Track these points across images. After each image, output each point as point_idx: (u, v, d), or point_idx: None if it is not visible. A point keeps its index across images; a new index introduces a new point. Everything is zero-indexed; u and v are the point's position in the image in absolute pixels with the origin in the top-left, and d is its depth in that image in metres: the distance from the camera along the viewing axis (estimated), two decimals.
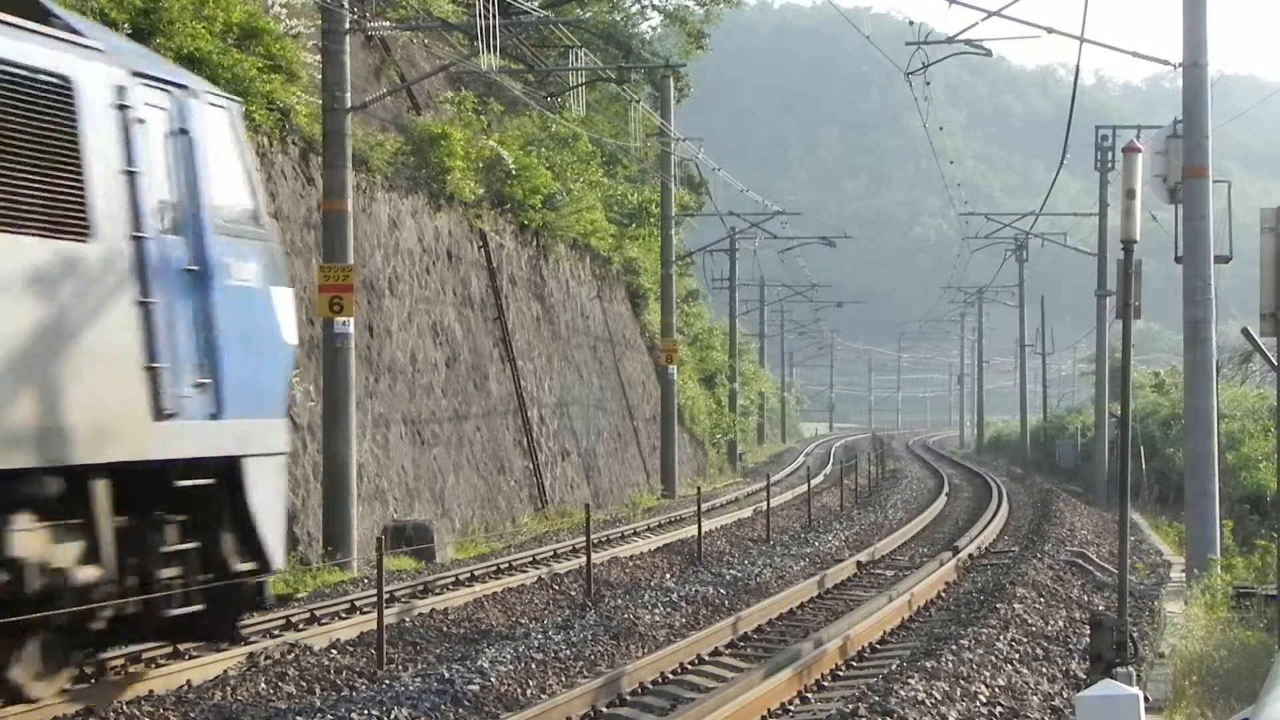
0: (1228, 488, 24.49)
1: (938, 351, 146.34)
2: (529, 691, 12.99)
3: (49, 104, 10.76)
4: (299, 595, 17.10)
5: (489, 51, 24.93)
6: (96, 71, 11.32)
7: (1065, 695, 12.60)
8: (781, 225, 60.70)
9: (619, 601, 18.20)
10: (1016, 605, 17.35)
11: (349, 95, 22.46)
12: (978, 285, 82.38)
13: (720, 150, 58.04)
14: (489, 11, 24.67)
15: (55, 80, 10.86)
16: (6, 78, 10.38)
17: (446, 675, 12.95)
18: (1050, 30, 22.84)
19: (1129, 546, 14.28)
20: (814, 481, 40.21)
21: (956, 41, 26.39)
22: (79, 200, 10.89)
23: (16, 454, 10.30)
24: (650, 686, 13.51)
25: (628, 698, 12.94)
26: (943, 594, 20.43)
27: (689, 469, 48.67)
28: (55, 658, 11.56)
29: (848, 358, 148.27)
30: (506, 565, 21.67)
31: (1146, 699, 9.38)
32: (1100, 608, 17.14)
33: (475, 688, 12.64)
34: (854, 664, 14.99)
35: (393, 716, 11.54)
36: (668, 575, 21.70)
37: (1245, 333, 14.74)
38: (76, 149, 10.96)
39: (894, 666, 13.96)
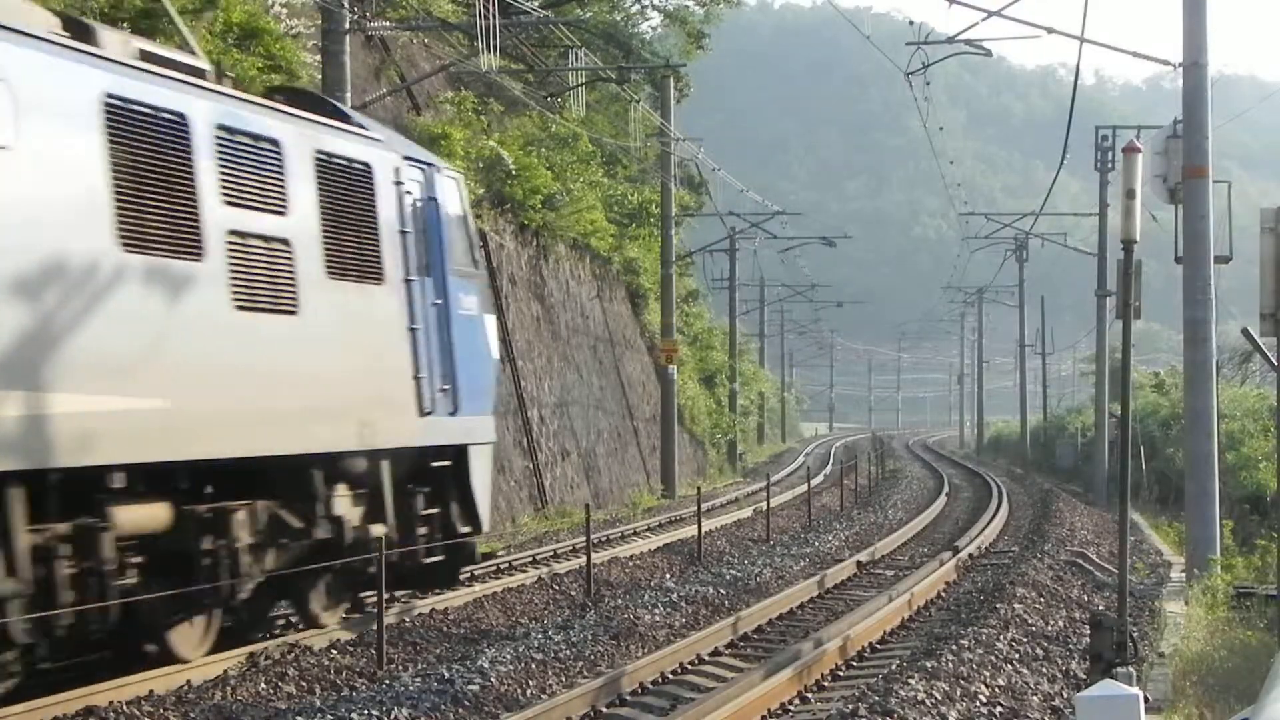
0: (1228, 488, 24.49)
1: (938, 351, 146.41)
2: (529, 691, 12.99)
3: (360, 185, 14.86)
4: (500, 553, 21.85)
5: (489, 51, 24.95)
6: (383, 158, 15.41)
7: (1065, 695, 12.60)
8: (781, 225, 60.74)
9: (619, 601, 18.21)
10: (1016, 605, 17.35)
11: (349, 95, 22.48)
12: (978, 285, 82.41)
13: (720, 150, 58.05)
14: (489, 11, 24.69)
15: (362, 166, 14.95)
16: (340, 166, 14.51)
17: (446, 675, 12.96)
18: (1050, 30, 22.85)
19: (1129, 546, 14.29)
20: (814, 481, 40.21)
21: (956, 41, 26.40)
22: (376, 254, 14.99)
23: (341, 441, 14.41)
24: (650, 686, 13.51)
25: (628, 698, 12.95)
26: (943, 594, 20.44)
27: (689, 469, 48.68)
28: (337, 594, 15.64)
29: (848, 358, 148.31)
30: (506, 565, 21.68)
31: (1146, 699, 9.38)
32: (1100, 608, 17.14)
33: (475, 688, 12.65)
34: (854, 664, 14.99)
35: (393, 716, 11.55)
36: (668, 575, 21.70)
37: (1245, 333, 14.75)
38: (374, 217, 15.03)
39: (894, 666, 13.97)
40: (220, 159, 12.91)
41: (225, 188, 12.91)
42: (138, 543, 12.35)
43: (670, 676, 13.99)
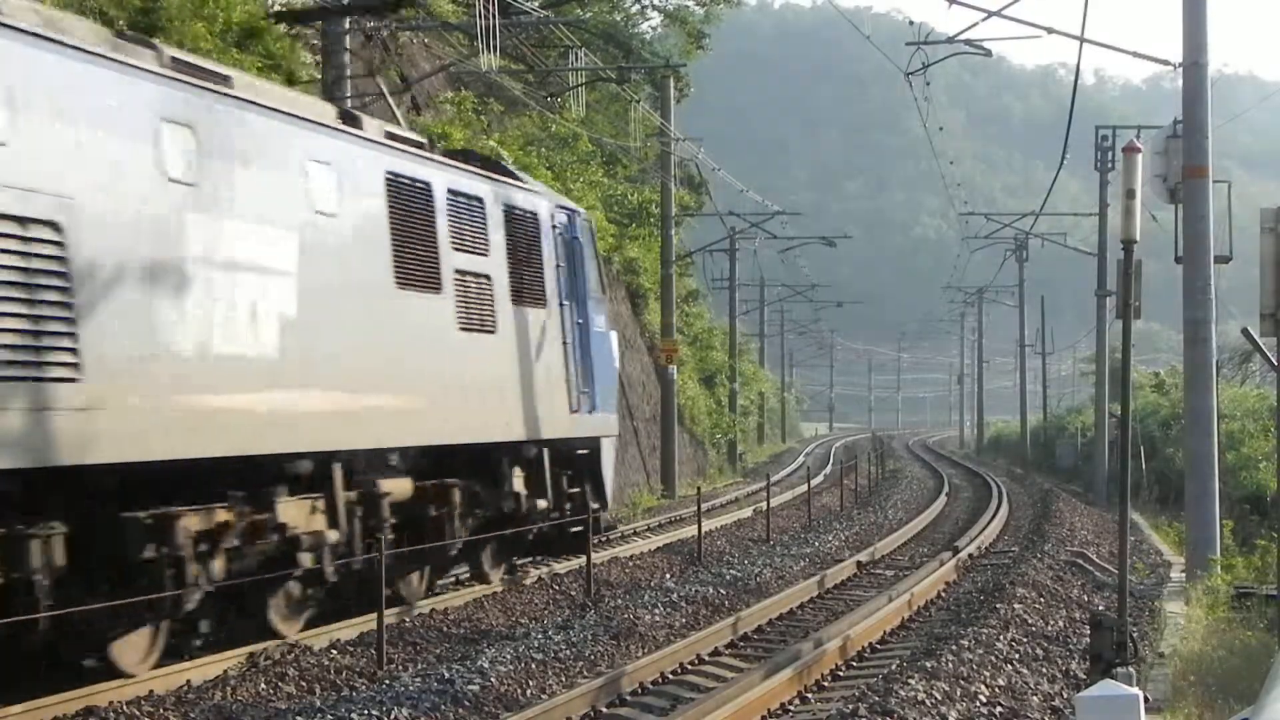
0: (1228, 488, 24.49)
1: (938, 351, 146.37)
2: (529, 691, 12.99)
3: (530, 229, 18.92)
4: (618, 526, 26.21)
5: (489, 51, 24.95)
6: (543, 206, 19.52)
7: (1065, 695, 12.60)
8: (781, 225, 60.69)
9: (619, 601, 18.21)
10: (1016, 605, 17.35)
11: (349, 95, 22.46)
12: (978, 285, 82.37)
13: (720, 150, 58.00)
14: (489, 11, 24.68)
15: (531, 214, 19.02)
16: (519, 215, 18.63)
17: (446, 675, 12.96)
18: (1050, 30, 22.86)
19: (1129, 546, 14.29)
20: (814, 482, 40.20)
21: (956, 41, 26.40)
22: (541, 284, 19.05)
23: (521, 433, 18.35)
24: (650, 686, 13.51)
25: (628, 698, 12.95)
26: (943, 594, 20.44)
27: (689, 469, 48.66)
28: (501, 557, 19.54)
29: (848, 358, 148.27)
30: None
31: (1146, 699, 9.38)
32: (1100, 608, 17.14)
33: (475, 688, 12.65)
34: (854, 664, 15.00)
35: (393, 716, 11.55)
36: (668, 575, 21.70)
37: (1245, 333, 14.74)
38: (540, 254, 19.11)
39: (894, 666, 13.97)
40: (450, 215, 16.80)
41: (453, 237, 16.82)
42: (393, 508, 16.01)
43: (670, 676, 13.99)
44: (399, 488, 16.10)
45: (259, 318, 13.54)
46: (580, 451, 20.38)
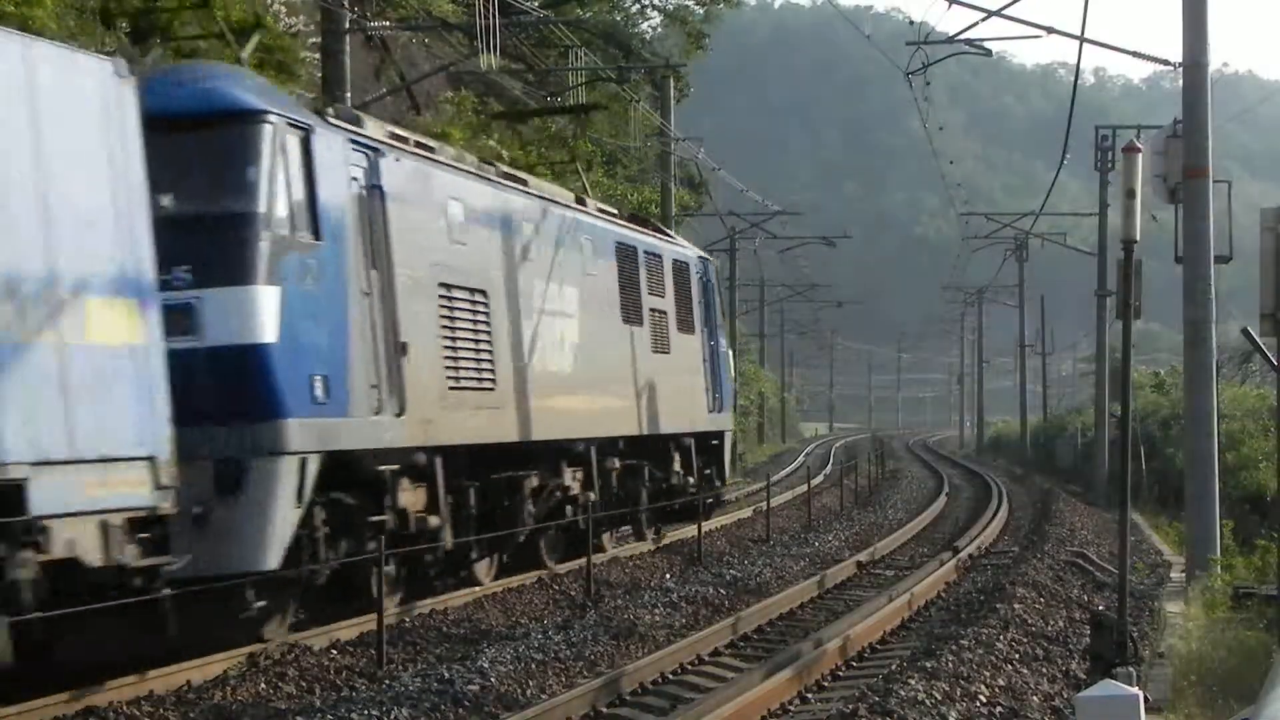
0: (1228, 488, 24.44)
1: (938, 351, 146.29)
2: (529, 691, 12.99)
3: (684, 275, 25.67)
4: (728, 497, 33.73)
5: (489, 51, 24.94)
6: (692, 257, 26.75)
7: (1065, 695, 12.59)
8: (781, 225, 60.68)
9: (619, 602, 18.21)
10: (1016, 605, 17.35)
11: (349, 95, 22.47)
12: (978, 285, 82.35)
13: (720, 150, 57.94)
14: (489, 11, 24.68)
15: (685, 264, 25.95)
16: (679, 265, 25.42)
17: (446, 675, 12.95)
18: (1050, 30, 22.85)
19: (1129, 546, 14.28)
20: (814, 481, 40.21)
21: (957, 41, 26.39)
22: (691, 316, 25.77)
23: (682, 427, 24.99)
24: (650, 687, 13.51)
25: (627, 698, 12.95)
26: (943, 594, 20.44)
27: None
28: (654, 523, 25.41)
29: (848, 358, 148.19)
30: (507, 565, 21.65)
31: (1146, 699, 9.37)
32: (1100, 608, 17.13)
33: (475, 688, 12.64)
34: (854, 664, 15.00)
35: (393, 716, 11.54)
36: (668, 575, 21.71)
37: (1245, 333, 14.74)
38: (690, 294, 25.90)
39: (894, 667, 13.96)
40: (646, 268, 23.72)
41: (648, 284, 23.80)
42: (600, 482, 21.80)
43: (670, 677, 13.99)
44: (617, 465, 22.63)
45: (563, 346, 20.38)
46: (712, 441, 27.28)
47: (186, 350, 12.99)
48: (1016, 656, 14.22)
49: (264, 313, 13.91)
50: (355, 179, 15.49)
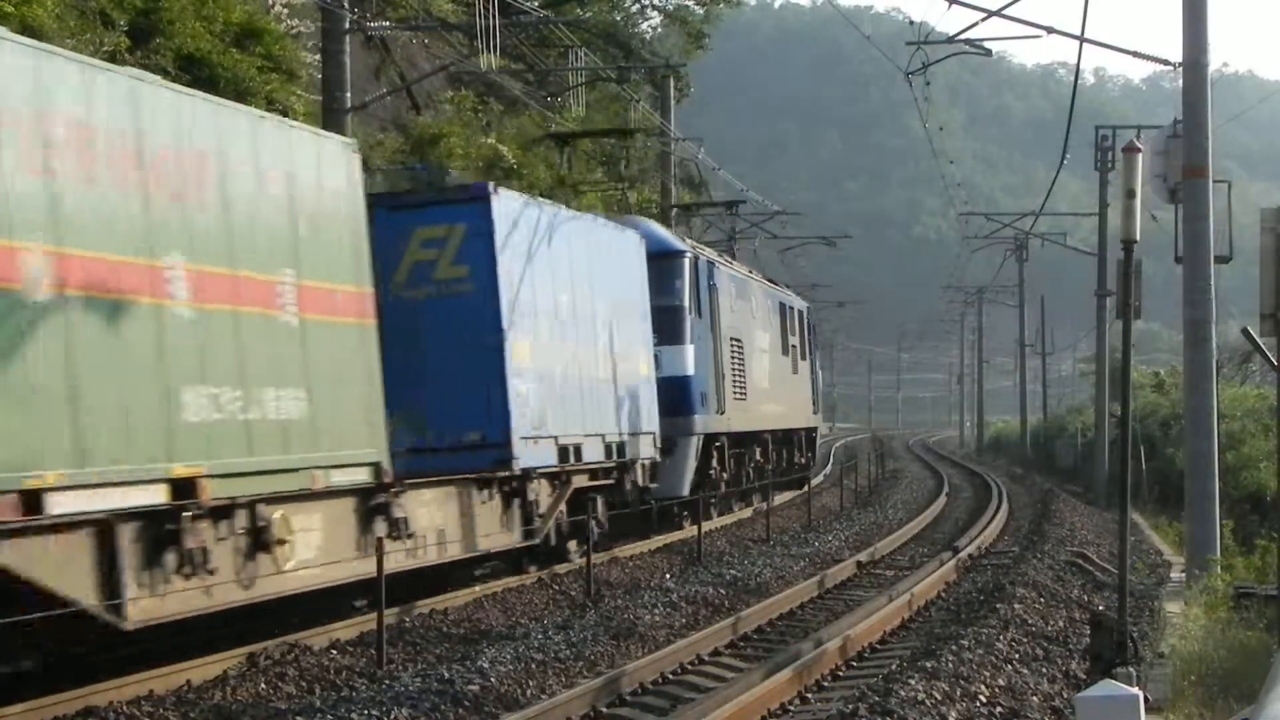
0: (1228, 488, 24.43)
1: (938, 351, 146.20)
2: (529, 691, 12.99)
3: (801, 319, 39.79)
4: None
5: (489, 51, 24.93)
6: (802, 305, 41.10)
7: (1065, 695, 12.59)
8: (781, 225, 60.60)
9: (619, 601, 18.21)
10: (1016, 605, 17.35)
11: (349, 95, 22.46)
12: (978, 285, 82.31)
13: (720, 150, 57.90)
14: (489, 11, 24.67)
15: (802, 311, 40.63)
16: (799, 311, 39.76)
17: (446, 675, 12.95)
18: (1050, 30, 22.84)
19: (1129, 546, 14.28)
20: (814, 481, 40.24)
21: (956, 41, 26.37)
22: (807, 346, 40.26)
23: (800, 423, 38.42)
24: (650, 687, 13.51)
25: (627, 698, 12.95)
26: (943, 594, 20.43)
27: None
28: (764, 494, 32.61)
29: (848, 358, 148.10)
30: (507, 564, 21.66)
31: (1146, 699, 9.37)
32: (1100, 608, 17.13)
33: (475, 688, 12.64)
34: (854, 664, 14.99)
35: (393, 716, 11.54)
36: (668, 575, 21.70)
37: (1245, 333, 14.73)
38: (803, 332, 39.70)
39: (894, 666, 13.96)
40: (786, 317, 36.82)
41: (787, 328, 36.75)
42: (773, 457, 34.65)
43: (670, 676, 13.99)
44: (773, 446, 34.63)
45: (765, 372, 33.30)
46: (811, 434, 40.49)
47: (660, 379, 25.03)
48: (1016, 656, 14.22)
49: (688, 359, 27.05)
50: (709, 282, 28.78)
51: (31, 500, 11.30)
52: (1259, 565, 18.83)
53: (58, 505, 11.49)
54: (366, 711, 11.54)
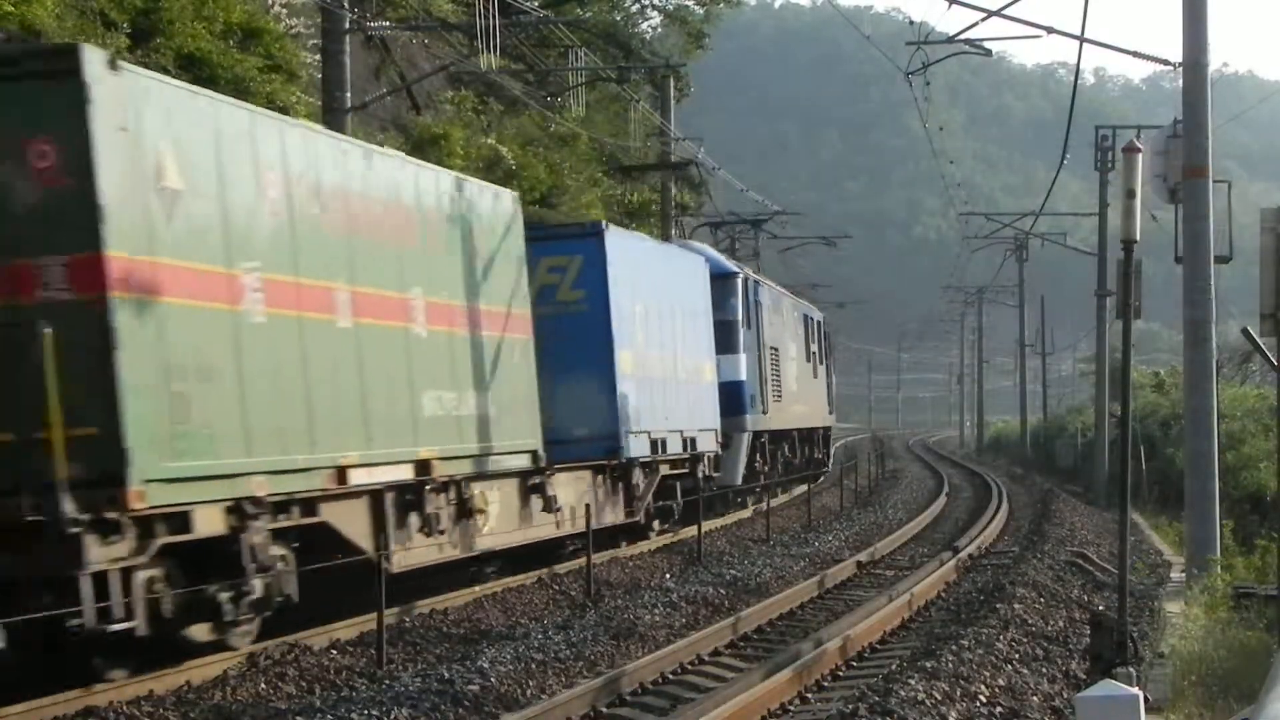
0: (1228, 488, 24.43)
1: (938, 351, 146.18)
2: (529, 691, 12.99)
3: (819, 328, 45.37)
4: None
5: (489, 51, 24.94)
6: (814, 313, 45.24)
7: (1065, 695, 12.59)
8: (781, 225, 60.60)
9: (619, 601, 18.21)
10: (1016, 605, 17.34)
11: (349, 95, 22.46)
12: (978, 285, 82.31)
13: (720, 150, 57.90)
14: (489, 11, 24.67)
15: (820, 321, 46.15)
16: (817, 321, 45.32)
17: (446, 675, 12.95)
18: (1050, 30, 22.85)
19: (1129, 546, 14.28)
20: (814, 481, 40.26)
21: (956, 41, 26.38)
22: (824, 352, 45.99)
23: (819, 422, 43.82)
24: (650, 686, 13.51)
25: (628, 698, 12.95)
26: (943, 594, 20.43)
27: None
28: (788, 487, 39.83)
29: (848, 358, 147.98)
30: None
31: (1146, 699, 9.37)
32: (1100, 608, 17.13)
33: (475, 688, 12.64)
34: (854, 664, 14.99)
35: (393, 716, 11.54)
36: (668, 575, 21.70)
37: (1245, 333, 14.73)
38: (820, 339, 45.09)
39: (894, 666, 13.96)
40: (808, 326, 42.45)
41: (808, 336, 42.01)
42: (797, 452, 40.10)
43: (670, 676, 13.99)
44: (799, 443, 39.40)
45: (793, 376, 38.40)
46: (827, 433, 45.92)
47: (719, 383, 29.19)
48: (1016, 656, 14.22)
49: (742, 366, 31.68)
50: (755, 299, 33.75)
51: (340, 474, 15.17)
52: (1259, 565, 18.83)
53: (355, 478, 15.48)
54: (366, 711, 11.54)
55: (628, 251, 23.91)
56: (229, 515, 13.60)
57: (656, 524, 26.17)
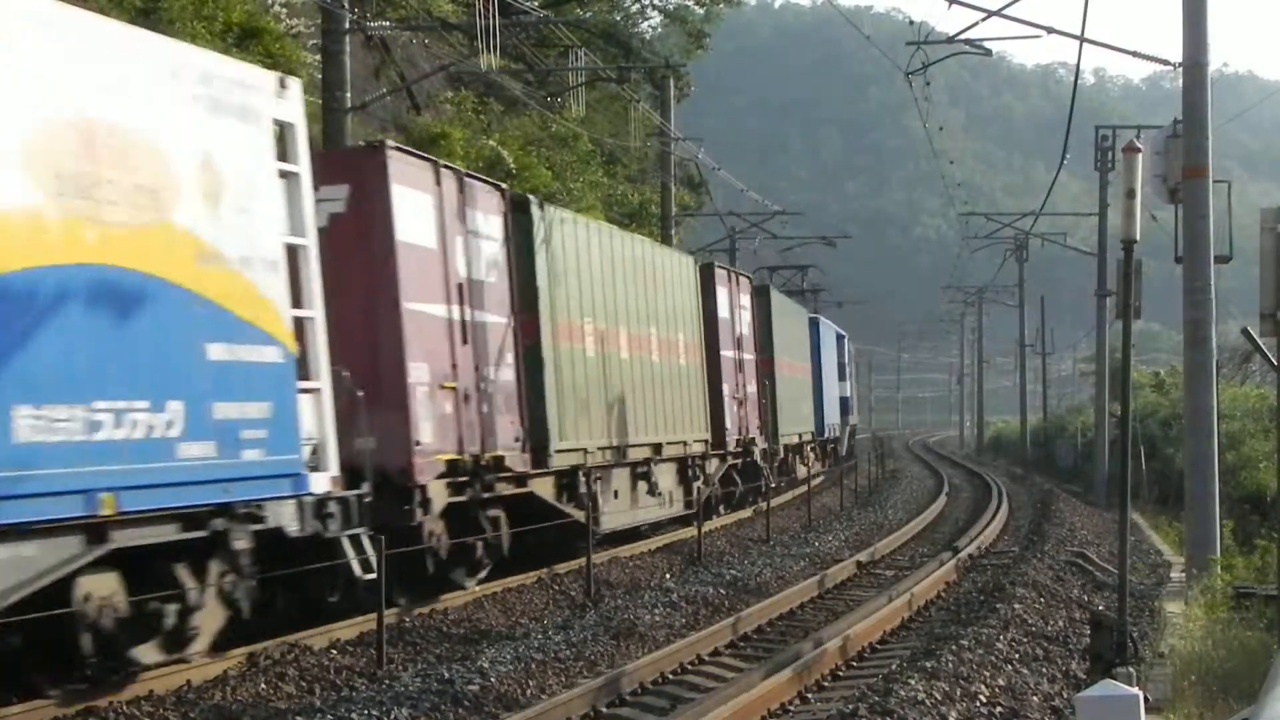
0: (1228, 488, 24.43)
1: (938, 351, 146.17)
2: (529, 691, 12.99)
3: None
4: None
5: (489, 51, 24.93)
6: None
7: (1065, 695, 12.59)
8: (781, 225, 60.61)
9: (619, 601, 18.20)
10: (1016, 605, 17.34)
11: (349, 95, 22.45)
12: (978, 285, 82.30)
13: (720, 150, 57.90)
14: (489, 11, 24.66)
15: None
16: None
17: (446, 675, 12.95)
18: (1050, 30, 22.83)
19: (1129, 546, 14.27)
20: (814, 481, 40.21)
21: (956, 41, 26.37)
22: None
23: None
24: (650, 686, 13.51)
25: (628, 698, 12.94)
26: (943, 594, 20.43)
27: None
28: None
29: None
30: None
31: (1146, 699, 9.37)
32: (1100, 608, 17.13)
33: (475, 688, 12.64)
34: (854, 664, 14.99)
35: (393, 716, 11.54)
36: (668, 575, 21.70)
37: (1245, 333, 14.73)
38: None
39: (894, 666, 13.96)
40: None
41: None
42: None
43: (670, 676, 13.99)
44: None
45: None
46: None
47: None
48: (1016, 656, 14.22)
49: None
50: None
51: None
52: (1259, 565, 18.84)
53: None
54: (366, 711, 11.54)
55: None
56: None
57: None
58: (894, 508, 36.96)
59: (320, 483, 13.52)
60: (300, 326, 13.39)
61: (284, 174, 13.45)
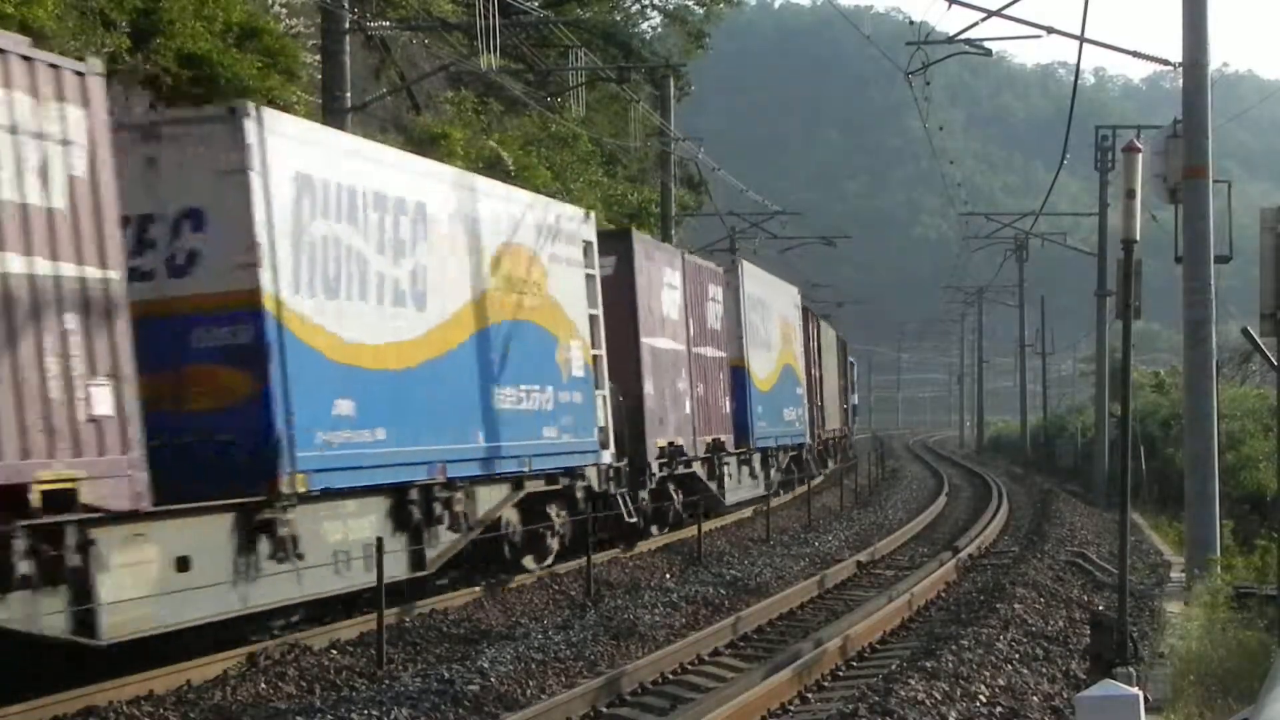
0: (1228, 488, 24.42)
1: (938, 351, 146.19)
2: (529, 691, 12.99)
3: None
4: None
5: (489, 51, 24.92)
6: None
7: (1065, 695, 12.59)
8: (781, 225, 60.58)
9: (619, 601, 18.21)
10: (1016, 605, 17.34)
11: (349, 95, 22.46)
12: (978, 285, 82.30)
13: (720, 150, 57.91)
14: (489, 11, 24.66)
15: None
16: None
17: (446, 675, 12.95)
18: (1050, 30, 22.85)
19: (1129, 546, 14.27)
20: (814, 481, 40.22)
21: (956, 41, 26.37)
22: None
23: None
24: (650, 686, 13.51)
25: (628, 698, 12.95)
26: (943, 594, 20.43)
27: None
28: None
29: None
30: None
31: (1146, 699, 9.36)
32: (1100, 608, 17.12)
33: (475, 688, 12.64)
34: (854, 664, 14.99)
35: (393, 716, 11.54)
36: (668, 575, 21.70)
37: (1245, 333, 14.73)
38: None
39: (894, 666, 13.96)
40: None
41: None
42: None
43: (670, 676, 13.99)
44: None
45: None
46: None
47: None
48: (1016, 656, 14.22)
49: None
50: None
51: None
52: (1259, 565, 18.81)
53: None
54: (366, 711, 11.54)
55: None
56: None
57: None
58: (894, 507, 36.96)
59: (606, 457, 21.79)
60: (595, 358, 21.86)
61: (589, 276, 21.81)
